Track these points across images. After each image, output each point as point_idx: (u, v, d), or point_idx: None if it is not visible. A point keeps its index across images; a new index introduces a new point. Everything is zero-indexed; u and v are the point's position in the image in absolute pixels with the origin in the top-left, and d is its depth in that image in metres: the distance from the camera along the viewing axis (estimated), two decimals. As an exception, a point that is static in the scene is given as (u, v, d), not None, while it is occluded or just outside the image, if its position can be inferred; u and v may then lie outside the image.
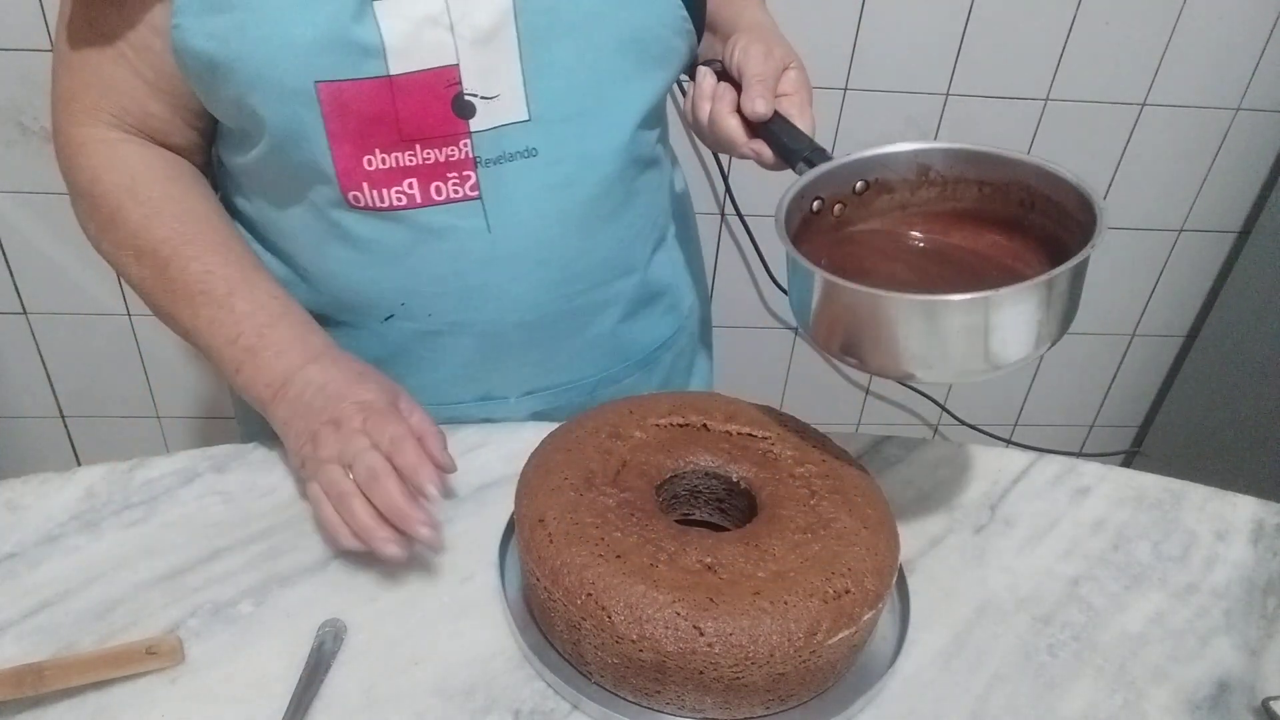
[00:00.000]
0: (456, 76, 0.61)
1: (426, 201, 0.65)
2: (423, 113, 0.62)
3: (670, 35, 0.66)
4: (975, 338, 0.52)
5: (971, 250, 0.62)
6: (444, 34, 0.59)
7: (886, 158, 0.61)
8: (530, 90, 0.63)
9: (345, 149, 0.62)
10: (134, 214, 0.65)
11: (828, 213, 0.61)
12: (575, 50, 0.63)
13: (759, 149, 0.64)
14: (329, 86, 0.59)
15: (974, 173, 0.61)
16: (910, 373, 0.53)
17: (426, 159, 0.63)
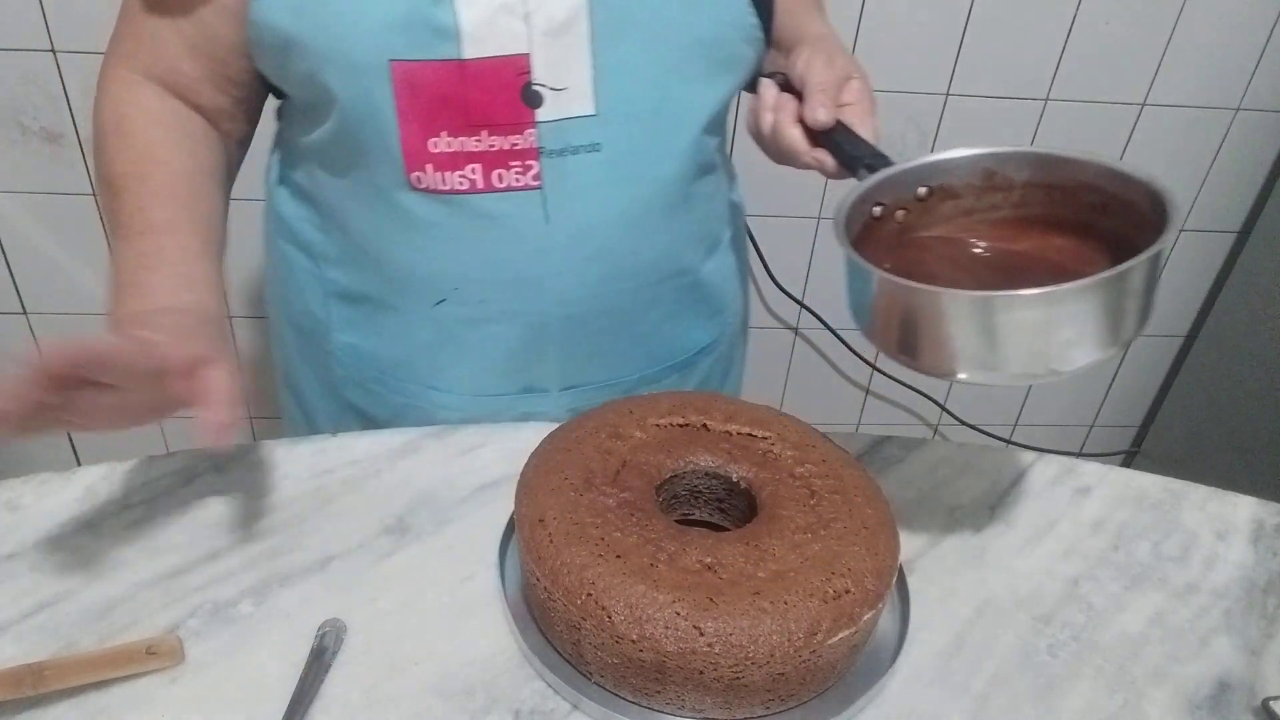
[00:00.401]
0: (527, 66, 0.62)
1: (488, 188, 0.66)
2: (491, 99, 0.62)
3: (739, 41, 0.67)
4: (1036, 337, 0.50)
5: (1042, 257, 0.59)
6: (518, 23, 0.60)
7: (950, 163, 0.61)
8: (599, 85, 0.63)
9: (413, 128, 0.63)
10: (111, 145, 0.67)
11: (890, 219, 0.60)
12: (645, 49, 0.64)
13: (821, 158, 0.64)
14: (402, 65, 0.60)
15: (1043, 176, 0.59)
16: (970, 375, 0.52)
17: (491, 145, 0.64)
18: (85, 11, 1.24)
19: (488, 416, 0.76)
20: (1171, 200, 0.52)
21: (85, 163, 1.36)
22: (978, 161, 0.60)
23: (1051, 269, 0.58)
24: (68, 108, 1.31)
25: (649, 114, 0.66)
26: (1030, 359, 0.50)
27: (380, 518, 0.65)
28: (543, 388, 0.77)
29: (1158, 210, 0.53)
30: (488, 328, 0.73)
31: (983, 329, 0.50)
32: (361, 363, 0.79)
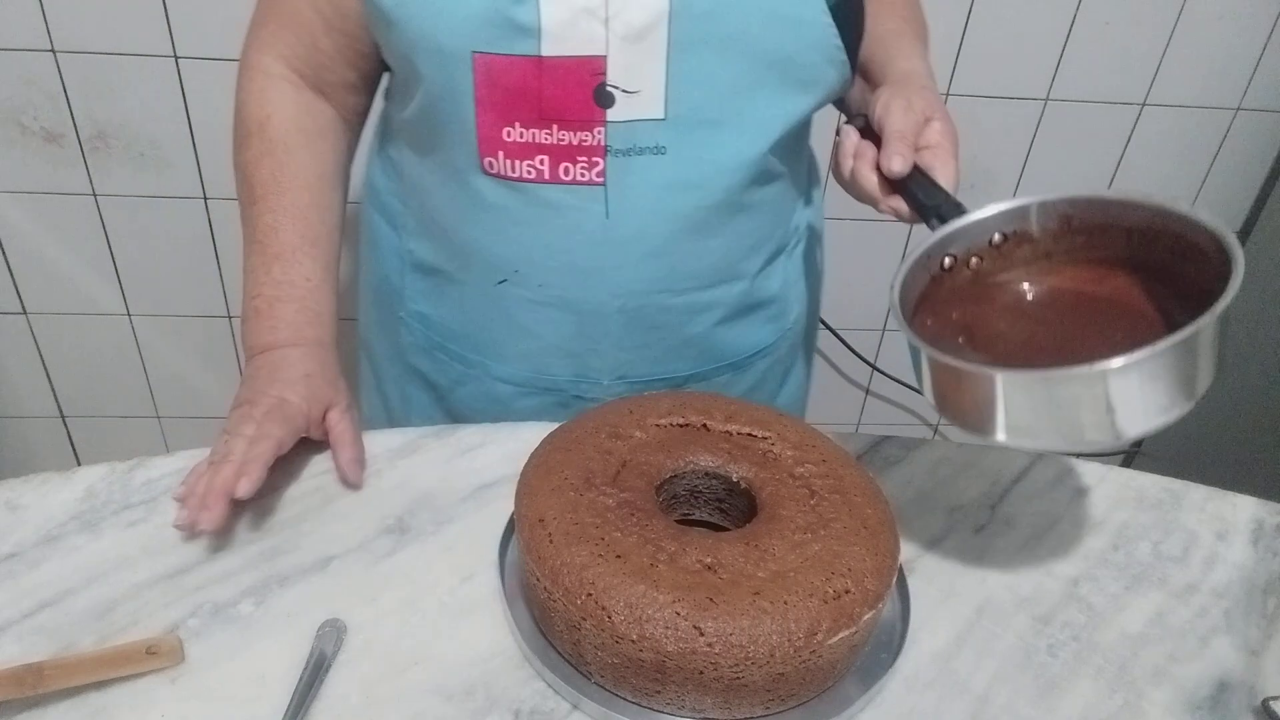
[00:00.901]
0: (602, 68, 0.63)
1: (554, 179, 0.68)
2: (564, 95, 0.65)
3: (820, 62, 0.67)
4: (1098, 409, 0.49)
5: (1120, 302, 0.58)
6: (598, 26, 0.62)
7: (1025, 210, 0.60)
8: (670, 91, 0.65)
9: (489, 117, 0.66)
10: (254, 146, 0.73)
11: (962, 268, 0.60)
12: (721, 61, 0.64)
13: (897, 206, 0.65)
14: (483, 58, 0.63)
15: (1121, 219, 0.58)
16: (1048, 446, 0.51)
17: (560, 139, 0.67)
18: (85, 11, 1.24)
19: (540, 395, 0.80)
20: (1234, 253, 0.52)
21: (85, 163, 1.36)
22: (1054, 207, 0.60)
23: (1131, 314, 0.57)
24: (68, 108, 1.31)
25: (717, 123, 0.67)
26: (1098, 429, 0.49)
27: (380, 518, 0.65)
28: (595, 376, 0.80)
29: (1224, 263, 0.52)
30: (544, 311, 0.76)
31: (1044, 403, 0.49)
32: (428, 330, 0.84)
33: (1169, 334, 0.48)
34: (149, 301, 1.50)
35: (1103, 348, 0.49)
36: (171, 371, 1.58)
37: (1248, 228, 1.60)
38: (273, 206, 0.72)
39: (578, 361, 0.79)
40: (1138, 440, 0.47)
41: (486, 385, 0.83)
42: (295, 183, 0.73)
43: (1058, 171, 1.52)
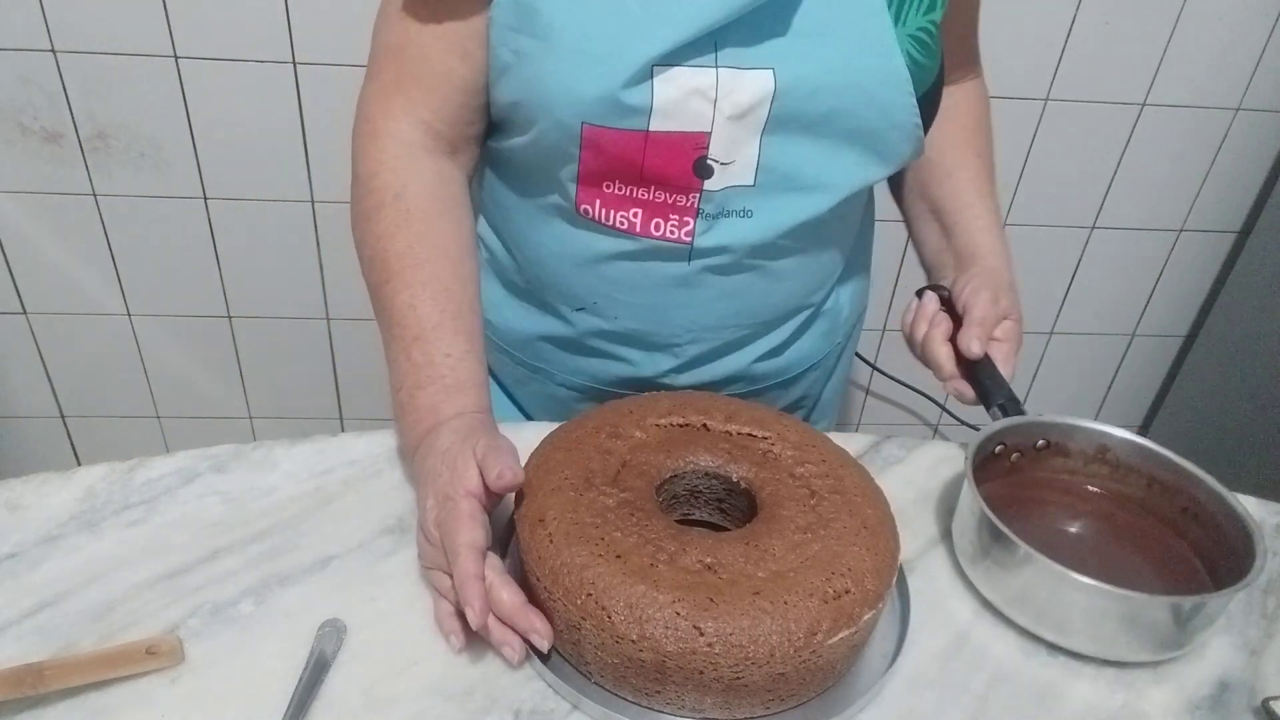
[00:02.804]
0: (705, 142, 0.66)
1: (644, 233, 0.70)
2: (666, 166, 0.67)
3: (899, 139, 0.69)
4: (1102, 621, 0.57)
5: (1127, 537, 0.67)
6: (706, 105, 0.64)
7: (1072, 428, 0.69)
8: (762, 161, 0.67)
9: (591, 171, 0.68)
10: (387, 218, 0.69)
11: (1005, 456, 0.69)
12: (811, 136, 0.67)
13: (960, 388, 0.73)
14: (592, 129, 0.65)
15: (1148, 467, 0.67)
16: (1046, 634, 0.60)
17: (656, 197, 0.69)
18: (85, 11, 1.24)
19: (601, 398, 0.80)
20: (1259, 545, 0.58)
21: (85, 163, 1.36)
22: (1097, 436, 0.69)
23: (1133, 553, 0.66)
24: (68, 108, 1.31)
25: (802, 189, 0.70)
26: (1090, 639, 0.58)
27: (380, 518, 0.65)
28: (649, 386, 0.82)
29: (1244, 545, 0.60)
30: (618, 339, 0.78)
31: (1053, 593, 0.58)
32: (494, 335, 0.85)
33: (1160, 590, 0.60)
34: (149, 301, 1.50)
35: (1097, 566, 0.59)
36: (171, 371, 1.58)
37: (1248, 228, 1.60)
38: (409, 282, 0.67)
39: (640, 381, 0.81)
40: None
41: (549, 389, 0.85)
42: (435, 254, 0.68)
43: (1058, 172, 1.52)
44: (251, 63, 1.28)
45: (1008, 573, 0.59)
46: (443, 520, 0.56)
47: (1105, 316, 1.71)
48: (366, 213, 0.70)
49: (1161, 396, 1.80)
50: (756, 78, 0.64)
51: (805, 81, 0.64)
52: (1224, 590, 0.56)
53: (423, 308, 0.66)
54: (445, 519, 0.56)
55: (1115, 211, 1.58)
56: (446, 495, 0.57)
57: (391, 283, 0.67)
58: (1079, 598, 0.56)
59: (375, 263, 0.69)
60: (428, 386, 0.65)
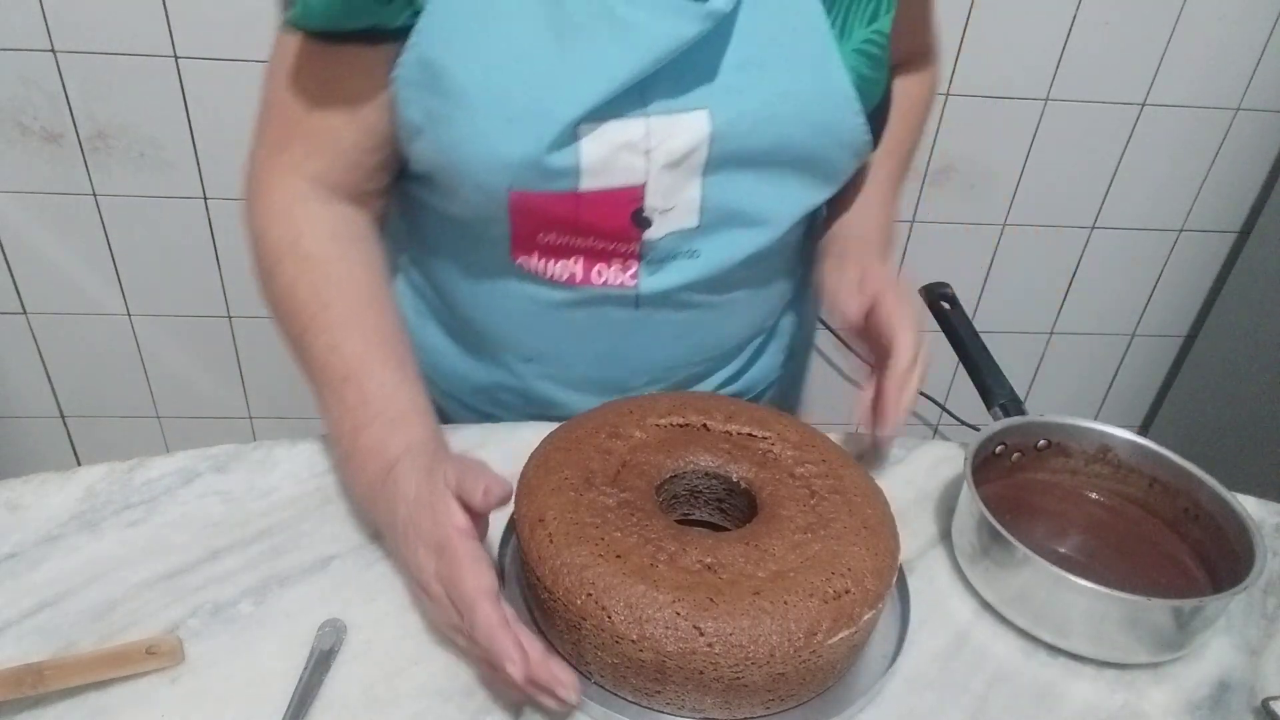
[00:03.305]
0: (641, 194, 0.63)
1: (586, 282, 0.68)
2: (602, 221, 0.64)
3: (848, 158, 0.67)
4: (1101, 624, 0.57)
5: (1126, 537, 0.67)
6: (638, 158, 0.61)
7: (1073, 429, 0.69)
8: (706, 202, 0.65)
9: (522, 229, 0.65)
10: (288, 271, 0.64)
11: (1006, 457, 0.69)
12: (754, 170, 0.64)
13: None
14: (519, 194, 0.62)
15: (1149, 468, 0.67)
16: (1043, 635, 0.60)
17: (597, 245, 0.66)
18: (85, 11, 1.24)
19: None
20: (1260, 549, 0.58)
21: (85, 163, 1.36)
22: (1098, 436, 0.68)
23: (1133, 554, 0.66)
24: (68, 108, 1.31)
25: (749, 224, 0.67)
26: (1089, 640, 0.58)
27: (380, 518, 0.65)
28: None
29: (1244, 547, 0.60)
30: (570, 385, 0.76)
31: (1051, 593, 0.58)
32: (453, 379, 0.80)
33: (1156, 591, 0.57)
34: (149, 301, 1.50)
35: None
36: (171, 371, 1.58)
37: (1247, 228, 1.60)
38: (326, 325, 0.63)
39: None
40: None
41: (494, 418, 0.81)
42: (345, 292, 0.64)
43: (1058, 171, 1.52)
44: (251, 63, 1.28)
45: (1007, 574, 0.59)
46: (444, 572, 0.52)
47: (1105, 316, 1.71)
48: (266, 271, 0.65)
49: (1161, 396, 1.80)
50: (691, 120, 0.60)
51: (744, 118, 0.61)
52: (1224, 593, 0.56)
53: (345, 346, 0.62)
54: (446, 570, 0.52)
55: (1115, 211, 1.58)
56: (438, 544, 0.53)
57: (308, 331, 0.63)
58: (1078, 600, 0.56)
59: (286, 316, 0.64)
60: (368, 426, 0.60)
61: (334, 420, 0.62)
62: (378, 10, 0.58)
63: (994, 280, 1.64)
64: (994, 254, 1.61)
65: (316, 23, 0.59)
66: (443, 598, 0.53)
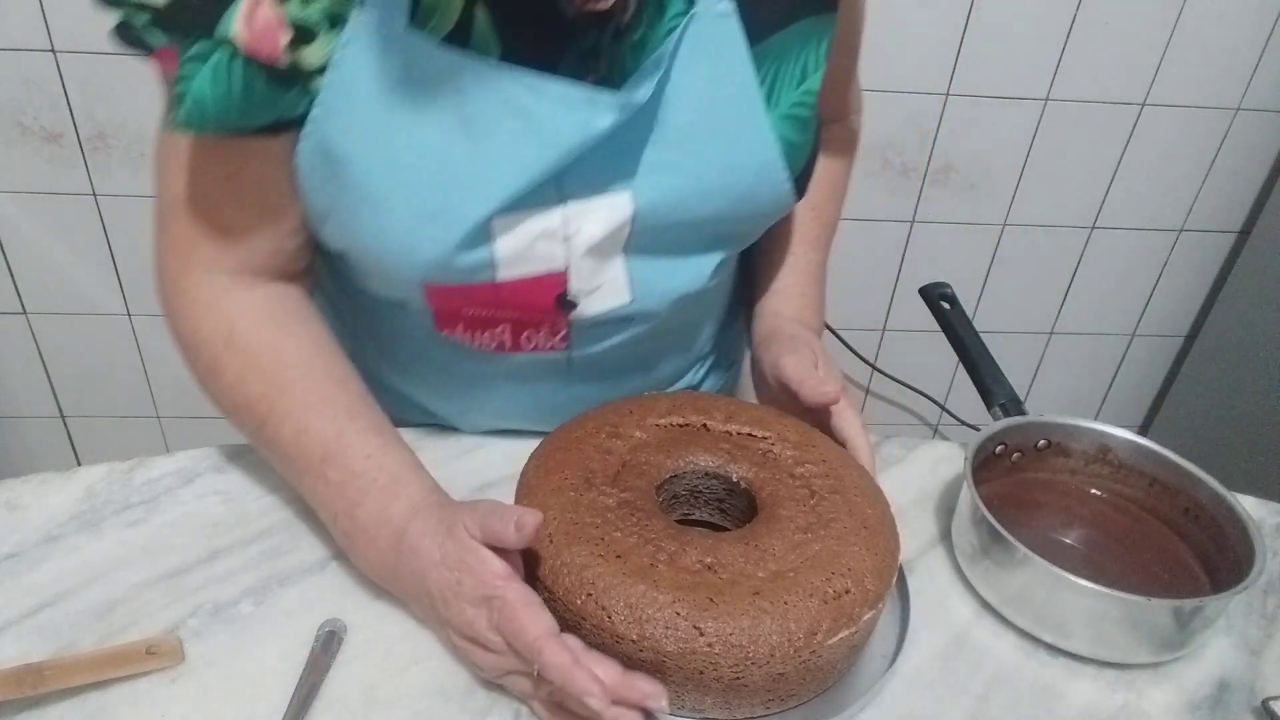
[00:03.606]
0: (564, 279, 0.61)
1: (515, 349, 0.66)
2: (525, 305, 0.62)
3: (773, 216, 0.66)
4: (1100, 624, 0.57)
5: (1126, 537, 0.67)
6: (557, 246, 0.59)
7: (1073, 429, 0.69)
8: (633, 279, 0.63)
9: (445, 306, 0.63)
10: (230, 366, 0.61)
11: (1006, 456, 0.69)
12: (681, 244, 0.63)
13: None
14: (435, 286, 0.60)
15: (1150, 468, 0.68)
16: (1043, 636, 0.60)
17: (523, 316, 0.64)
18: (85, 11, 1.24)
19: None
20: (1260, 549, 0.58)
21: (85, 163, 1.36)
22: (1098, 436, 0.69)
23: (1133, 554, 0.66)
24: (68, 108, 1.31)
25: (677, 287, 0.66)
26: (1089, 640, 0.58)
27: (380, 518, 0.65)
28: None
29: (1244, 549, 0.60)
30: (507, 427, 0.74)
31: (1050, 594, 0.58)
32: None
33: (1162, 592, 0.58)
34: (149, 301, 1.50)
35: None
36: (171, 371, 1.58)
37: (1247, 228, 1.60)
38: (286, 412, 0.59)
39: None
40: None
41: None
42: (297, 375, 0.61)
43: (1058, 171, 1.52)
44: (251, 63, 1.28)
45: (1007, 574, 0.59)
46: (501, 623, 0.51)
47: (1105, 316, 1.71)
48: (206, 371, 0.62)
49: (1161, 396, 1.80)
50: (612, 203, 0.58)
51: (668, 195, 0.59)
52: (1224, 593, 0.56)
53: (314, 427, 0.59)
54: (503, 620, 0.50)
55: (1115, 211, 1.58)
56: (485, 597, 0.51)
57: (268, 423, 0.60)
58: (1078, 600, 0.56)
59: (240, 412, 0.61)
60: (363, 500, 0.58)
61: (323, 503, 0.60)
62: (275, 104, 0.54)
63: (994, 280, 1.64)
64: (994, 254, 1.61)
65: (210, 126, 0.54)
66: (501, 647, 0.51)
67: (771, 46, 0.60)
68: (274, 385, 0.60)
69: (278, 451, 0.61)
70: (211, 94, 0.52)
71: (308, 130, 0.56)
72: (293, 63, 0.52)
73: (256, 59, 0.51)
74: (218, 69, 0.51)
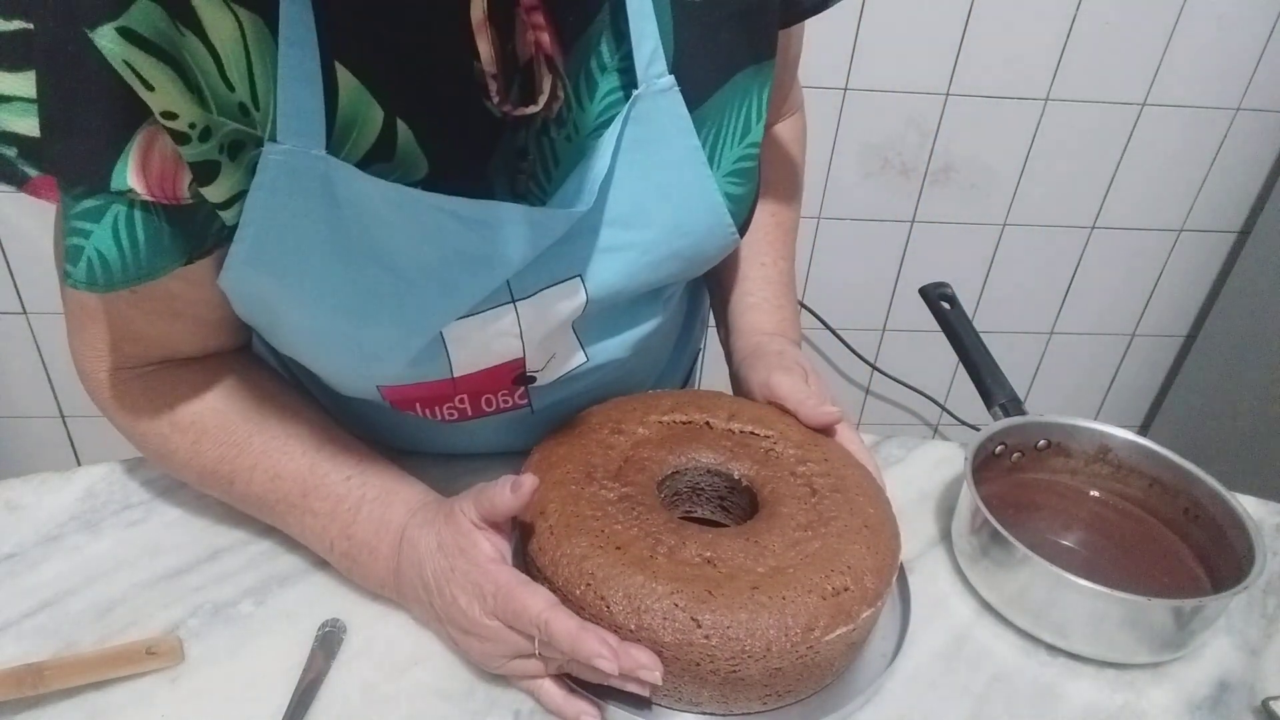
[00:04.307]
0: (521, 364, 0.60)
1: (477, 414, 0.64)
2: (483, 389, 0.62)
3: (720, 257, 0.64)
4: (1100, 624, 0.57)
5: (1127, 539, 0.67)
6: (512, 340, 0.58)
7: (1073, 429, 0.69)
8: (587, 345, 0.63)
9: (401, 399, 0.60)
10: (181, 445, 0.59)
11: (1006, 457, 0.69)
12: (630, 305, 0.63)
13: None
14: (390, 388, 0.58)
15: (1150, 468, 0.68)
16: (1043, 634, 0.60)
17: (480, 391, 0.62)
18: (85, 12, 1.24)
19: None
20: (1260, 550, 0.58)
21: (85, 163, 1.36)
22: (1098, 436, 0.69)
23: (1133, 554, 0.66)
24: (68, 108, 1.31)
25: (634, 333, 0.65)
26: (1089, 640, 0.58)
27: (380, 517, 0.65)
28: None
29: (1244, 548, 0.60)
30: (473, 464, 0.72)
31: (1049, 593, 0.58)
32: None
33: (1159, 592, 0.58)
34: (149, 302, 1.50)
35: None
36: (171, 372, 1.58)
37: (1248, 228, 1.60)
38: (253, 464, 0.58)
39: None
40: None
41: None
42: (250, 427, 0.59)
43: (1058, 171, 1.52)
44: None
45: (1007, 574, 0.59)
46: (499, 607, 0.51)
47: (1105, 316, 1.71)
48: (159, 456, 0.61)
49: (1161, 396, 1.80)
50: (563, 292, 0.57)
51: (619, 275, 0.58)
52: (1224, 593, 0.56)
53: (286, 469, 0.58)
54: (499, 604, 0.51)
55: (1115, 211, 1.58)
56: (477, 584, 0.52)
57: (236, 482, 0.59)
58: (1078, 600, 0.56)
59: (208, 481, 0.60)
60: (357, 518, 0.57)
61: (315, 537, 0.59)
62: (187, 242, 0.48)
63: (994, 280, 1.64)
64: (994, 254, 1.61)
65: (119, 284, 0.47)
66: (502, 631, 0.51)
67: (711, 108, 0.58)
68: (231, 447, 0.59)
69: (257, 504, 0.60)
70: (115, 251, 0.46)
71: (228, 264, 0.50)
72: (197, 200, 0.47)
73: (159, 204, 0.46)
74: (117, 224, 0.45)
